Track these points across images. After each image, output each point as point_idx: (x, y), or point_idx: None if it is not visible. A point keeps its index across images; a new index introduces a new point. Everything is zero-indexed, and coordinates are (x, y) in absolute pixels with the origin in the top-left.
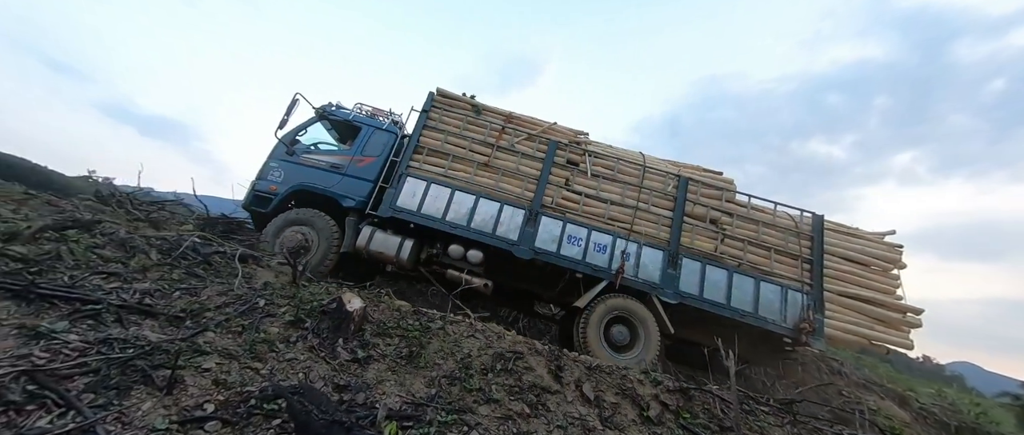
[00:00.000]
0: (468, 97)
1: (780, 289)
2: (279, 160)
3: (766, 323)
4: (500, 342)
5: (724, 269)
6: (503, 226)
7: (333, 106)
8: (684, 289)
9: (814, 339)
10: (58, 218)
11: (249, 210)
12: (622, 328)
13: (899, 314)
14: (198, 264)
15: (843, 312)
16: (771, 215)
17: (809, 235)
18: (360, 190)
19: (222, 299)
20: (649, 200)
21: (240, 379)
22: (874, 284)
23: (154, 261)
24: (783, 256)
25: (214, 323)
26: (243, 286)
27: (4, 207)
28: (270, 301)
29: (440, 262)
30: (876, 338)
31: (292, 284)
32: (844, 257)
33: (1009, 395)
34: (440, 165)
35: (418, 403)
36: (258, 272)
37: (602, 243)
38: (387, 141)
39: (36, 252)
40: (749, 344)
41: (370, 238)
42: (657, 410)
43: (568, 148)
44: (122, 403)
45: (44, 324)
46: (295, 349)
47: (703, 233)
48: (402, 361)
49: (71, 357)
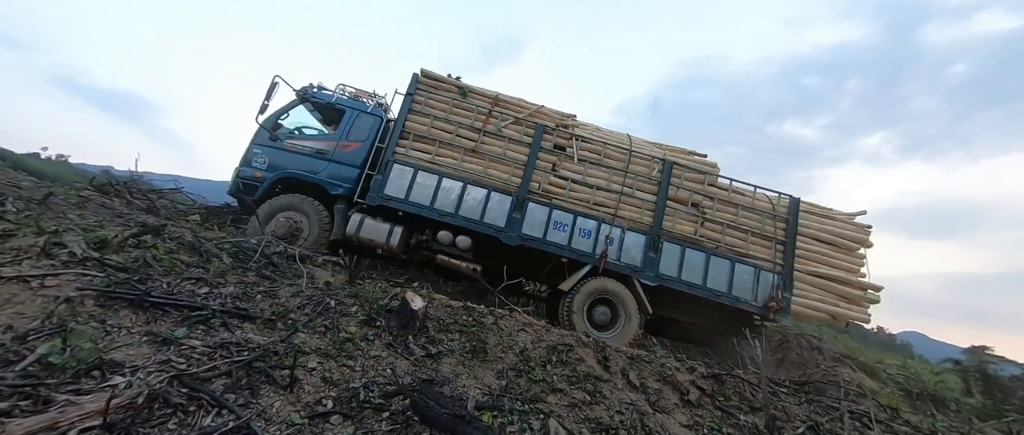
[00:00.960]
0: (453, 79)
1: (754, 270)
2: (262, 145)
3: (738, 302)
4: (549, 335)
5: (702, 252)
6: (491, 212)
7: (314, 88)
8: (664, 272)
9: (781, 316)
10: (133, 223)
11: (235, 196)
12: (604, 309)
13: (861, 291)
14: (265, 266)
15: (810, 290)
16: (751, 198)
17: (785, 217)
18: (347, 177)
19: (297, 300)
20: (634, 185)
21: (342, 376)
22: (841, 263)
23: (228, 265)
24: (759, 238)
25: (301, 324)
26: (310, 286)
27: (72, 212)
28: (339, 301)
29: (429, 248)
30: (839, 314)
31: (349, 283)
32: (816, 238)
33: (951, 361)
34: (427, 151)
35: (495, 394)
36: (316, 272)
37: (587, 228)
38: (372, 125)
39: (128, 259)
40: (721, 319)
41: (360, 225)
42: (696, 394)
43: (555, 132)
44: (257, 402)
45: (167, 331)
46: (375, 347)
47: (684, 217)
48: (469, 356)
49: (202, 361)
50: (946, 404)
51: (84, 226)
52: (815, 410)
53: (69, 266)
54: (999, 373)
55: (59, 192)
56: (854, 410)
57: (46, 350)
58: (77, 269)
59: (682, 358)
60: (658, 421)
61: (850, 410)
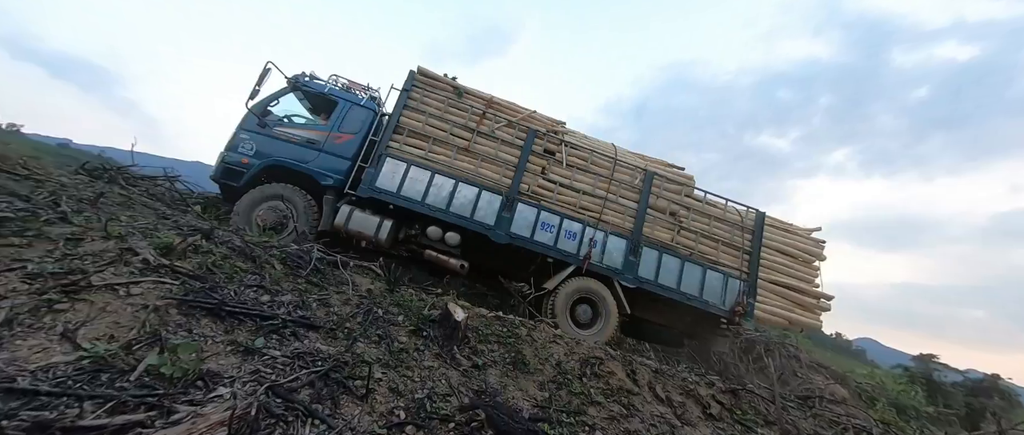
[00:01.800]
0: (450, 79)
1: (723, 277)
2: (250, 131)
3: (708, 306)
4: (579, 348)
5: (678, 258)
6: (481, 211)
7: (307, 77)
8: (642, 275)
9: (745, 320)
10: (186, 227)
11: (218, 182)
12: (586, 307)
13: (815, 300)
14: (313, 273)
15: (771, 297)
16: (722, 210)
17: (751, 229)
18: (338, 168)
19: (347, 309)
20: (618, 192)
21: (406, 387)
22: (798, 274)
23: (280, 271)
24: (728, 247)
25: (358, 334)
26: (355, 294)
27: (123, 212)
28: (386, 310)
29: (418, 242)
30: (795, 320)
31: (389, 291)
32: (777, 249)
33: (902, 367)
34: (421, 147)
35: (542, 406)
36: (355, 279)
37: (572, 230)
38: (365, 118)
39: (193, 266)
40: (691, 322)
41: (349, 217)
42: (717, 408)
43: (546, 137)
44: (340, 412)
45: (247, 340)
46: (426, 357)
47: (662, 224)
48: (511, 367)
49: (285, 372)
50: (906, 411)
51: (142, 229)
52: (820, 424)
53: (145, 273)
54: (942, 379)
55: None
56: (857, 424)
57: (157, 361)
58: (152, 276)
59: (701, 372)
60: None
61: (853, 424)
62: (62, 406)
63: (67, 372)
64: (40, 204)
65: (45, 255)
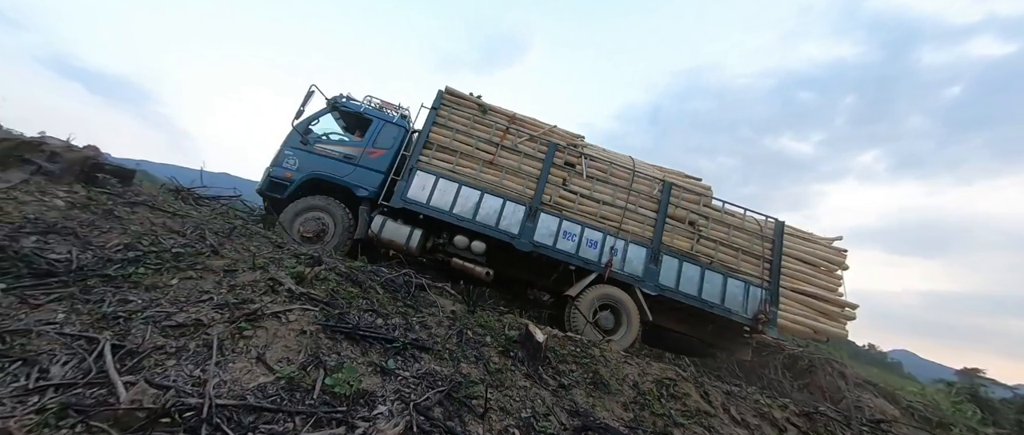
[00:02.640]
0: (475, 97)
1: (744, 285)
2: (293, 148)
3: (730, 314)
4: (651, 369)
5: (698, 266)
6: (505, 220)
7: (344, 98)
8: (663, 282)
9: (769, 328)
10: (302, 256)
11: (263, 195)
12: (608, 314)
13: (839, 309)
14: (406, 296)
15: (794, 306)
16: (740, 219)
17: (771, 238)
18: (372, 181)
19: (441, 330)
20: (637, 202)
21: (511, 406)
22: (821, 282)
23: (382, 295)
24: (748, 256)
25: (458, 355)
26: (445, 316)
27: (249, 242)
28: (474, 331)
29: (445, 251)
30: (819, 329)
31: (470, 312)
32: (798, 258)
33: (944, 382)
34: (448, 161)
35: (631, 426)
36: (439, 300)
37: (594, 239)
38: (397, 135)
39: (323, 293)
40: (713, 331)
41: (382, 226)
42: (794, 432)
43: (566, 150)
44: (466, 429)
45: (380, 361)
46: (518, 377)
47: (681, 233)
48: (592, 387)
49: (417, 391)
50: (962, 431)
51: (269, 258)
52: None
53: (292, 301)
54: (990, 395)
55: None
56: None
57: (330, 381)
58: (298, 304)
59: (772, 395)
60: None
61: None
62: (281, 419)
63: (274, 391)
64: (191, 239)
65: (216, 286)
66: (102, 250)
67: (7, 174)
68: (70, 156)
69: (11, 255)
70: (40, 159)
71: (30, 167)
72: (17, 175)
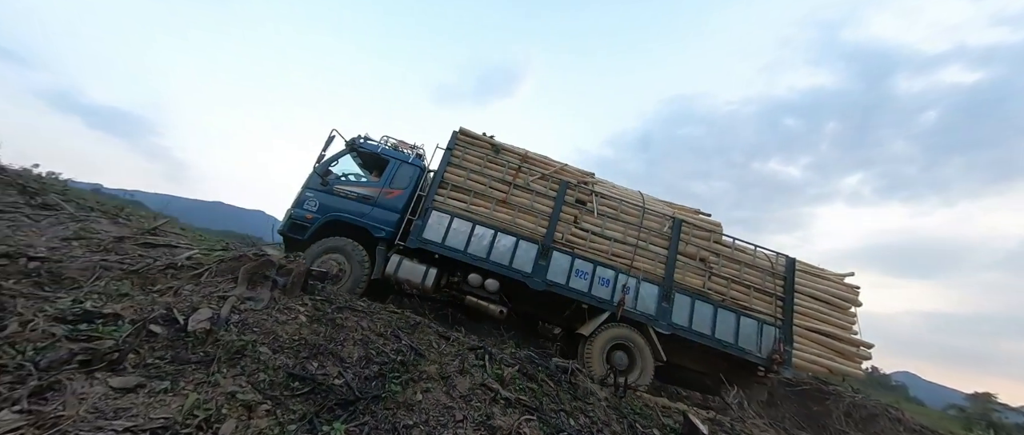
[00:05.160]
0: (487, 137)
1: (757, 323)
2: (314, 190)
3: (744, 353)
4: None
5: (710, 304)
6: (519, 259)
7: (362, 139)
8: (676, 321)
9: (784, 368)
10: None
11: (285, 235)
12: (622, 354)
13: (854, 347)
14: (570, 387)
15: (809, 345)
16: (751, 256)
17: (783, 275)
18: (389, 220)
19: (613, 426)
20: (648, 239)
21: None
22: (835, 320)
23: (553, 388)
24: (760, 293)
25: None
26: (607, 406)
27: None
28: (641, 422)
29: (460, 288)
30: (834, 368)
31: (618, 397)
32: (811, 295)
33: (955, 407)
34: (463, 200)
35: None
36: (586, 384)
37: (606, 277)
38: (412, 174)
39: (514, 391)
40: (727, 369)
41: (398, 266)
42: None
43: (577, 188)
44: None
45: None
46: None
47: (693, 271)
48: None
49: None
50: None
51: (448, 352)
52: None
53: (508, 407)
54: (1004, 420)
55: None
56: None
57: None
58: (518, 414)
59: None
60: None
61: None
62: None
63: None
64: (389, 339)
65: (450, 399)
66: (353, 367)
67: (257, 292)
68: (294, 268)
69: (310, 382)
70: (273, 274)
71: (269, 284)
72: (265, 293)
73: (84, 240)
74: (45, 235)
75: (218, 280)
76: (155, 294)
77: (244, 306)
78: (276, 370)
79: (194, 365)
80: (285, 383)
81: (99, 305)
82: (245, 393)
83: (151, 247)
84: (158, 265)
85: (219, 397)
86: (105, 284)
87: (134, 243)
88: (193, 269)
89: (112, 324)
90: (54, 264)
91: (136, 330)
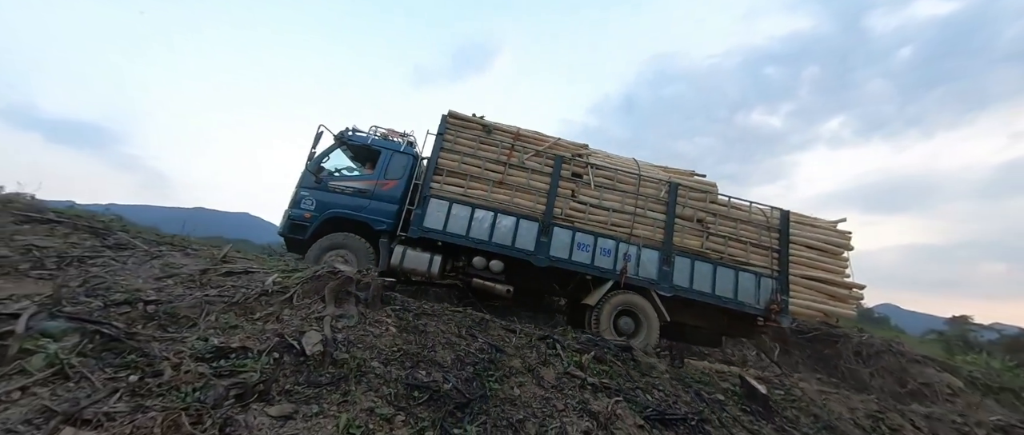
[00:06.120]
0: (478, 117)
1: (755, 277)
2: (309, 188)
3: (744, 306)
4: (850, 401)
5: (709, 263)
6: (521, 238)
7: (350, 131)
8: (677, 283)
9: (781, 317)
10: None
11: (285, 237)
12: (628, 319)
13: (847, 290)
14: (633, 364)
15: (804, 292)
16: (746, 212)
17: (777, 228)
18: (388, 212)
19: (686, 395)
20: (645, 206)
21: None
22: (828, 266)
23: (621, 367)
24: (757, 248)
25: (727, 420)
26: (670, 377)
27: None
28: (705, 389)
29: (466, 272)
30: (829, 311)
31: (674, 367)
32: (805, 244)
33: (935, 332)
34: (459, 185)
35: None
36: (647, 361)
37: (607, 248)
38: (406, 163)
39: (593, 373)
40: (729, 322)
41: (403, 256)
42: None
43: (572, 162)
44: None
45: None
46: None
47: (691, 232)
48: (826, 431)
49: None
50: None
51: (520, 345)
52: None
53: (597, 392)
54: (979, 339)
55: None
56: None
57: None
58: (606, 396)
59: (964, 413)
60: None
61: None
62: None
63: None
64: (465, 337)
65: (540, 389)
66: (451, 370)
67: (345, 309)
68: (372, 282)
69: (428, 390)
70: (354, 289)
71: (353, 299)
72: (352, 309)
73: (173, 277)
74: (140, 276)
75: (307, 301)
76: (259, 322)
77: (340, 324)
78: (395, 382)
79: (327, 387)
80: (407, 393)
81: (225, 340)
82: (381, 407)
83: (231, 275)
84: (253, 294)
85: (361, 414)
86: (215, 318)
87: (217, 274)
88: (281, 293)
89: (243, 357)
90: (166, 305)
91: (267, 359)
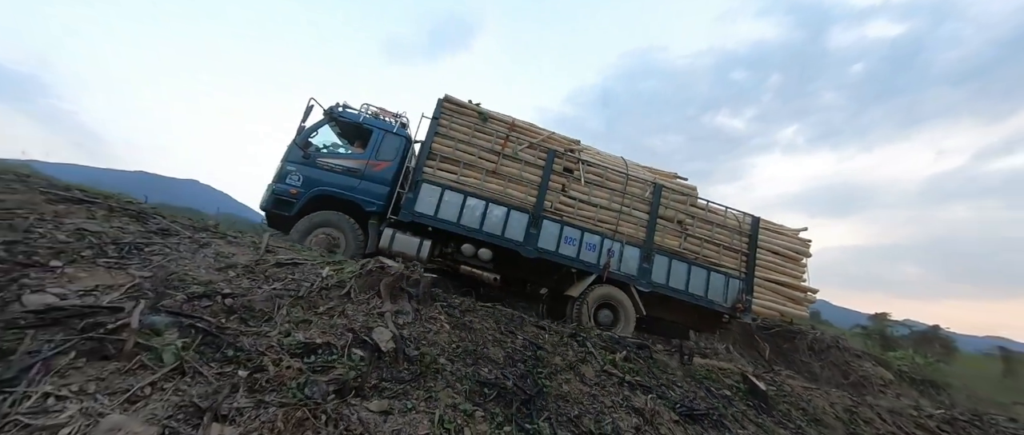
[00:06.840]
0: (474, 104)
1: (724, 277)
2: (296, 163)
3: (713, 305)
4: (831, 396)
5: (685, 262)
6: (511, 228)
7: (340, 108)
8: (655, 280)
9: (745, 315)
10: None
11: (268, 212)
12: (607, 312)
13: (802, 293)
14: (650, 362)
15: (766, 293)
16: (722, 217)
17: (748, 233)
18: (379, 193)
19: (699, 391)
20: (631, 205)
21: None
22: (788, 270)
23: (641, 364)
24: (728, 251)
25: (740, 416)
26: (682, 375)
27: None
28: (717, 388)
29: (454, 259)
30: (785, 312)
31: (683, 365)
32: (770, 250)
33: (859, 326)
34: (452, 171)
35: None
36: (663, 360)
37: (592, 242)
38: (399, 145)
39: (625, 371)
40: (697, 317)
41: (392, 239)
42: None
43: (564, 156)
44: None
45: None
46: (769, 425)
47: (671, 233)
48: (817, 424)
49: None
50: (941, 387)
51: (556, 343)
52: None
53: (634, 390)
54: (894, 334)
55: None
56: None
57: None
58: (642, 394)
59: (919, 405)
60: None
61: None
62: None
63: None
64: (507, 333)
65: (587, 387)
66: (504, 367)
67: (401, 305)
68: (421, 279)
69: (496, 386)
70: (406, 285)
71: (406, 296)
72: (407, 305)
73: (232, 268)
74: (200, 266)
75: (365, 297)
76: (324, 317)
77: (400, 321)
78: (465, 379)
79: (411, 384)
80: (478, 390)
81: (309, 336)
82: (462, 403)
83: (281, 266)
84: (314, 288)
85: (448, 410)
86: (286, 312)
87: (269, 265)
88: (338, 288)
89: (328, 353)
90: (241, 298)
91: (350, 357)
